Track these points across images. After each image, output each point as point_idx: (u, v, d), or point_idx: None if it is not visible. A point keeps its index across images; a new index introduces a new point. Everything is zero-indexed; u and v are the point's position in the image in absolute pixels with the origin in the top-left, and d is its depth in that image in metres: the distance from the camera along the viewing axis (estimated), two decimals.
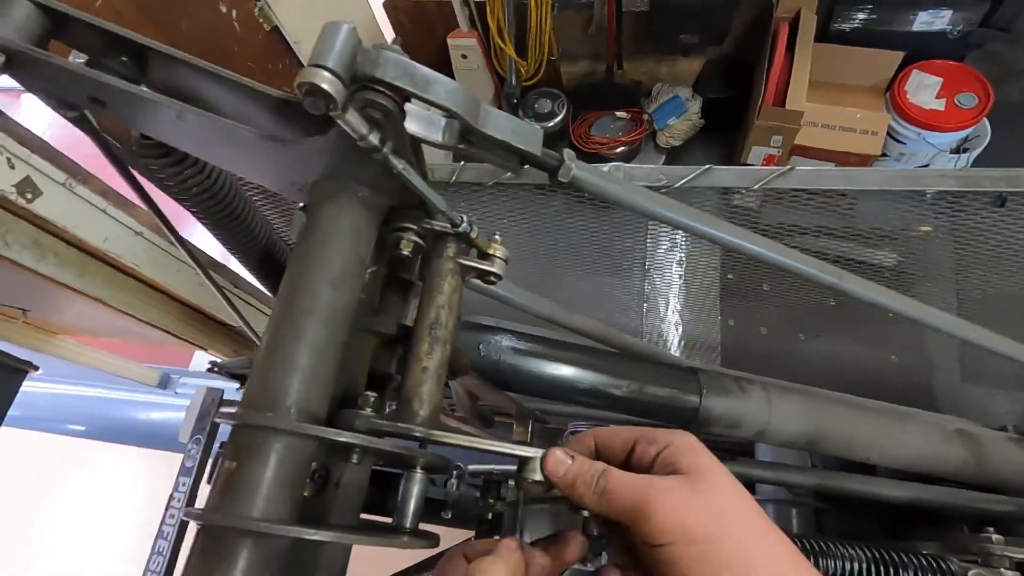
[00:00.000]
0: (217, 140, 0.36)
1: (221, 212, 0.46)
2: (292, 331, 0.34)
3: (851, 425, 0.76)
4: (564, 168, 0.38)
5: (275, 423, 0.31)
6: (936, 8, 2.09)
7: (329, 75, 0.28)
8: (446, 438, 0.36)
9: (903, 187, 0.64)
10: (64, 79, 0.33)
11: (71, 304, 1.67)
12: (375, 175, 0.37)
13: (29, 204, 1.22)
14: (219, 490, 0.31)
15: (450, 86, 0.32)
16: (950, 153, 2.19)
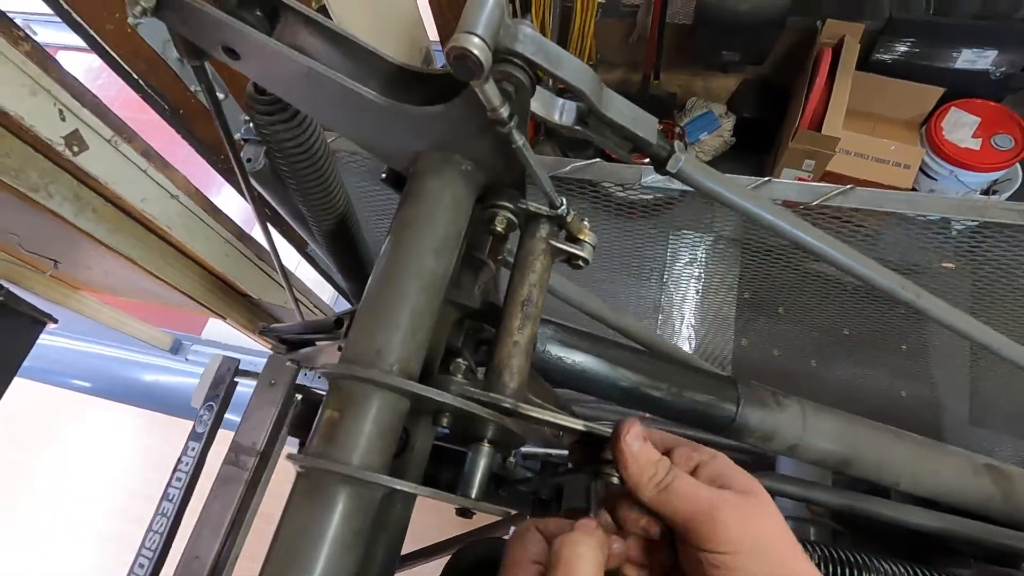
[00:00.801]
0: (335, 101, 0.37)
1: (311, 171, 0.47)
2: (396, 292, 0.35)
3: (885, 450, 0.76)
4: (674, 159, 0.39)
5: (381, 378, 0.32)
6: (981, 48, 2.09)
7: (479, 42, 0.28)
8: (533, 412, 0.36)
9: (966, 216, 0.64)
10: (206, 26, 0.34)
11: (100, 260, 1.69)
12: (482, 150, 0.38)
13: (74, 157, 1.24)
14: (322, 437, 0.32)
15: (580, 66, 0.33)
16: (980, 193, 2.19)
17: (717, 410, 0.77)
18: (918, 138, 2.22)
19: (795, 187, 0.69)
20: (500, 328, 0.39)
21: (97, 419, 2.69)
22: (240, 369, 1.79)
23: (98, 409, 2.67)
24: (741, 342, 2.38)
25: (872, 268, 0.48)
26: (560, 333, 0.75)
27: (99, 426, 2.68)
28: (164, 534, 1.59)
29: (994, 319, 1.28)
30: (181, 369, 2.58)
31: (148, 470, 2.50)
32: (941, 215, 0.66)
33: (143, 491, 2.45)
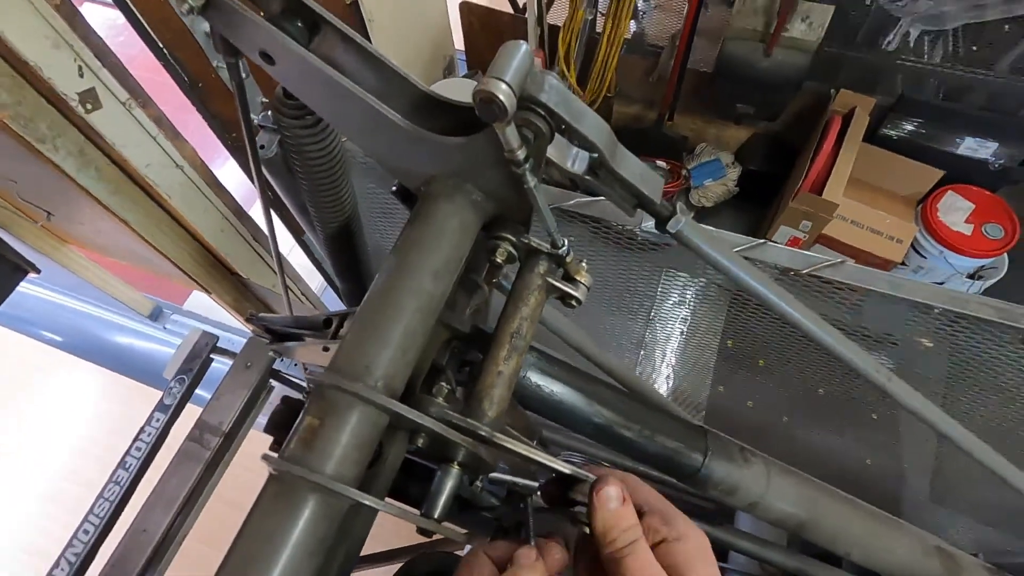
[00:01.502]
0: (360, 118, 0.38)
1: (325, 176, 0.48)
2: (392, 308, 0.36)
3: (842, 519, 0.78)
4: (674, 220, 0.41)
5: (366, 393, 0.33)
6: (983, 137, 2.16)
7: (507, 88, 0.30)
8: (508, 443, 0.37)
9: (946, 305, 0.67)
10: (247, 30, 0.35)
11: (94, 219, 1.68)
12: (495, 184, 0.39)
13: (87, 114, 1.24)
14: (299, 442, 0.32)
15: (598, 122, 0.35)
16: (966, 277, 2.25)
17: (684, 458, 0.78)
18: (913, 215, 2.28)
19: (787, 253, 0.71)
20: (487, 356, 0.40)
21: (63, 375, 2.65)
22: (218, 346, 1.78)
23: (66, 365, 2.63)
24: (718, 388, 2.40)
25: (851, 350, 0.50)
26: (542, 361, 0.76)
27: (64, 383, 2.63)
28: (115, 502, 1.56)
29: (967, 404, 1.31)
30: (157, 336, 2.55)
31: (106, 434, 2.46)
32: (924, 300, 0.68)
33: (98, 454, 2.40)
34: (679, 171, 2.60)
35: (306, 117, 0.42)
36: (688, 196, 2.65)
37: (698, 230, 0.42)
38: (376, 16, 2.17)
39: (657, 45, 2.67)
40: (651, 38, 2.73)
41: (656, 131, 2.68)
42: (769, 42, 2.07)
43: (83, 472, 2.38)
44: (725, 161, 2.61)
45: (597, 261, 2.33)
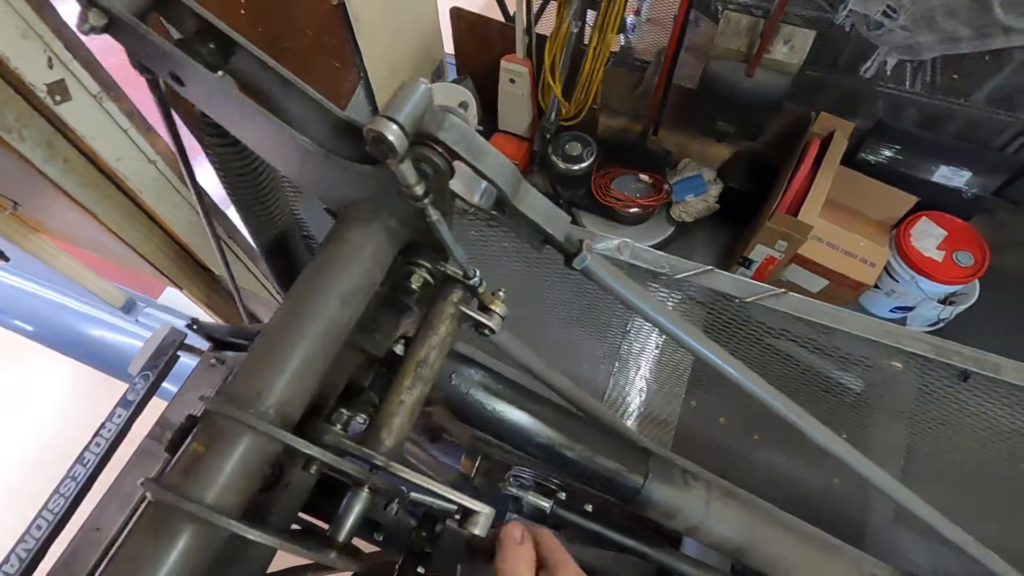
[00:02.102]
0: (274, 141, 0.38)
1: (253, 195, 0.48)
2: (293, 334, 0.36)
3: (779, 546, 0.78)
4: (580, 257, 0.41)
5: (252, 422, 0.33)
6: (958, 166, 2.19)
7: (397, 129, 0.30)
8: (403, 473, 0.37)
9: (881, 339, 0.68)
10: (154, 52, 0.35)
11: (63, 210, 1.66)
12: (407, 212, 0.39)
13: (55, 106, 1.23)
14: (182, 470, 0.32)
15: (499, 161, 0.35)
16: (937, 302, 2.28)
17: (625, 480, 0.78)
18: (887, 239, 2.31)
19: (731, 281, 0.72)
20: (391, 384, 0.40)
21: (31, 364, 2.61)
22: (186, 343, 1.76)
23: (34, 355, 2.59)
24: (691, 403, 2.41)
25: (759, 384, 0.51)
26: (487, 379, 0.76)
27: (32, 373, 2.59)
28: (70, 498, 1.54)
29: (929, 422, 1.33)
30: (129, 329, 2.52)
31: (70, 427, 2.42)
32: (860, 334, 0.69)
33: (61, 447, 2.37)
34: (661, 185, 2.62)
35: (227, 135, 0.42)
36: (670, 210, 2.67)
37: (604, 267, 0.43)
38: (363, 17, 2.17)
39: (644, 60, 2.69)
40: (639, 53, 2.75)
41: (640, 145, 2.69)
42: (751, 63, 2.09)
43: (45, 464, 2.35)
44: (707, 177, 2.63)
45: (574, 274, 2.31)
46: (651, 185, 2.65)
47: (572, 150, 2.61)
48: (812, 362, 1.72)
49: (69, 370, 2.55)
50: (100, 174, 1.42)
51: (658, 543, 0.89)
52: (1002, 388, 0.69)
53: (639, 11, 2.94)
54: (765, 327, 1.14)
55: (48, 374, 2.58)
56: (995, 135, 2.16)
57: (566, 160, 2.57)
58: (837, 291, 2.28)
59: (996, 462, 1.21)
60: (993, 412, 0.79)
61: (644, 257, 0.74)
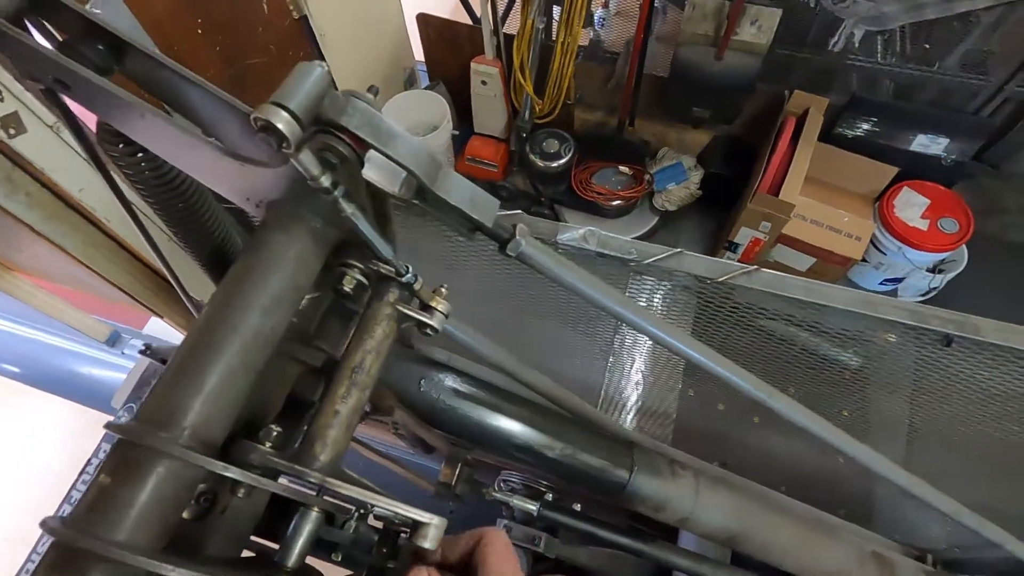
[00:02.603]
0: (178, 145, 0.36)
1: (177, 206, 0.46)
2: (207, 350, 0.34)
3: (773, 530, 0.76)
4: (514, 243, 0.39)
5: (161, 445, 0.30)
6: (935, 134, 2.18)
7: (286, 115, 0.28)
8: (341, 488, 0.35)
9: (859, 310, 0.65)
10: (33, 57, 0.32)
11: (31, 245, 1.63)
12: (329, 210, 0.37)
13: (10, 140, 1.20)
14: (86, 505, 0.30)
15: (412, 144, 0.32)
16: (926, 271, 2.27)
17: (610, 475, 0.76)
18: (871, 212, 2.29)
19: (704, 262, 0.69)
20: (325, 394, 0.38)
21: (20, 407, 2.57)
22: None
23: (23, 396, 2.55)
24: (688, 392, 2.38)
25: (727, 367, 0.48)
26: (459, 383, 0.74)
27: (21, 415, 2.55)
28: None
29: (924, 393, 1.31)
30: (116, 363, 2.48)
31: (69, 468, 2.38)
32: (839, 306, 0.67)
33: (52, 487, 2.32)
34: (642, 176, 2.60)
35: (132, 143, 0.39)
36: (652, 200, 2.65)
37: (541, 250, 0.40)
38: (328, 30, 2.15)
39: (614, 52, 2.68)
40: (608, 45, 2.74)
41: (618, 137, 2.68)
42: (720, 46, 2.07)
43: (37, 505, 2.30)
44: (687, 164, 2.62)
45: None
46: (632, 176, 2.63)
47: (550, 147, 2.59)
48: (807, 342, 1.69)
49: (60, 409, 2.51)
50: (65, 206, 1.39)
51: (653, 538, 0.86)
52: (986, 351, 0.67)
53: (607, 4, 2.93)
54: (756, 309, 1.12)
55: (39, 415, 2.54)
56: (969, 99, 2.15)
57: (544, 158, 2.55)
58: (825, 268, 2.27)
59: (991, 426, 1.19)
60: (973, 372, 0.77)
61: (612, 245, 0.72)
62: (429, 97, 2.68)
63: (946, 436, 1.54)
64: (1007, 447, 1.26)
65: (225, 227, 0.51)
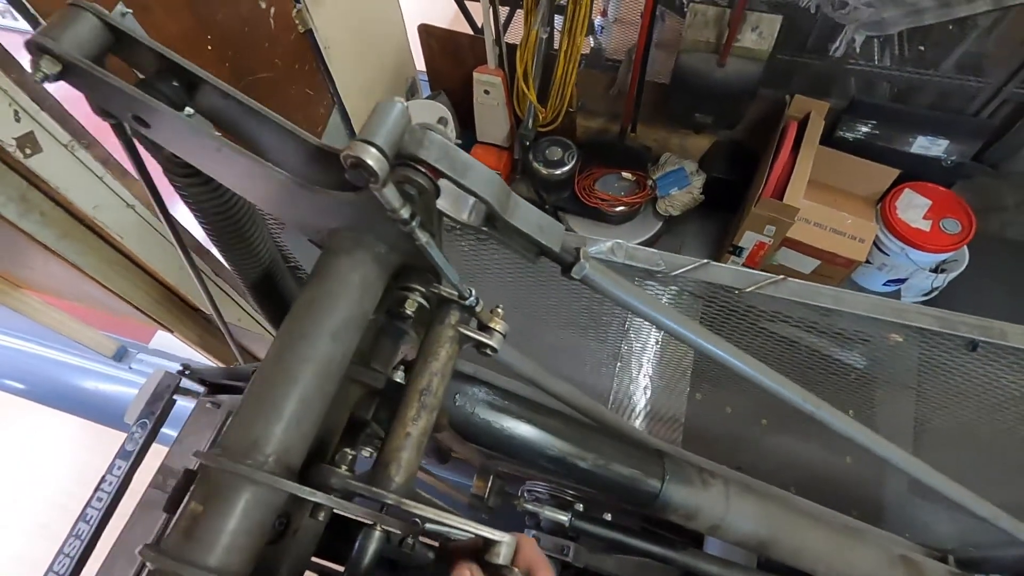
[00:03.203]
0: (249, 176, 0.37)
1: (232, 233, 0.47)
2: (284, 378, 0.35)
3: (803, 536, 0.77)
4: (578, 266, 0.40)
5: (251, 475, 0.31)
6: (935, 136, 2.21)
7: (376, 152, 0.29)
8: (417, 509, 0.35)
9: (886, 317, 0.67)
10: (114, 95, 0.33)
11: (45, 264, 1.63)
12: (395, 236, 0.38)
13: (26, 159, 1.21)
14: (181, 532, 0.30)
15: (485, 175, 0.33)
16: (929, 271, 2.29)
17: (642, 485, 0.76)
18: (874, 214, 2.32)
19: (730, 272, 0.71)
20: (395, 417, 0.38)
21: (28, 424, 2.55)
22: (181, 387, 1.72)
23: (30, 413, 2.54)
24: (696, 396, 2.40)
25: (777, 380, 0.49)
26: (492, 396, 0.75)
27: (29, 432, 2.54)
28: (75, 558, 1.50)
29: (937, 394, 1.32)
30: (123, 378, 2.47)
31: (78, 484, 2.37)
32: (864, 313, 0.68)
33: (70, 507, 2.32)
34: (645, 182, 2.62)
35: (198, 174, 0.40)
36: (655, 205, 2.67)
37: (604, 274, 0.41)
38: (333, 43, 2.17)
39: (615, 59, 2.70)
40: (610, 52, 2.77)
41: (620, 143, 2.70)
42: (722, 53, 2.10)
43: (51, 526, 2.29)
44: (689, 170, 2.64)
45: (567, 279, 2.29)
46: (635, 182, 2.65)
47: (553, 155, 2.60)
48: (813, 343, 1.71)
49: (68, 425, 2.50)
50: (79, 224, 1.40)
51: (681, 545, 0.87)
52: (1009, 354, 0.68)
53: (606, 12, 2.95)
54: (757, 311, 1.13)
55: (47, 432, 2.53)
56: (968, 101, 2.18)
57: (548, 165, 2.57)
58: (829, 270, 2.29)
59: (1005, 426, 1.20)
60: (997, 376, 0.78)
61: (639, 256, 0.73)
62: (431, 107, 2.70)
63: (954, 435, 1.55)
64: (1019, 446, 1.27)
65: (273, 251, 0.52)
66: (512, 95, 2.55)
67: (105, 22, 0.33)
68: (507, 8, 2.61)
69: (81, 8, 0.32)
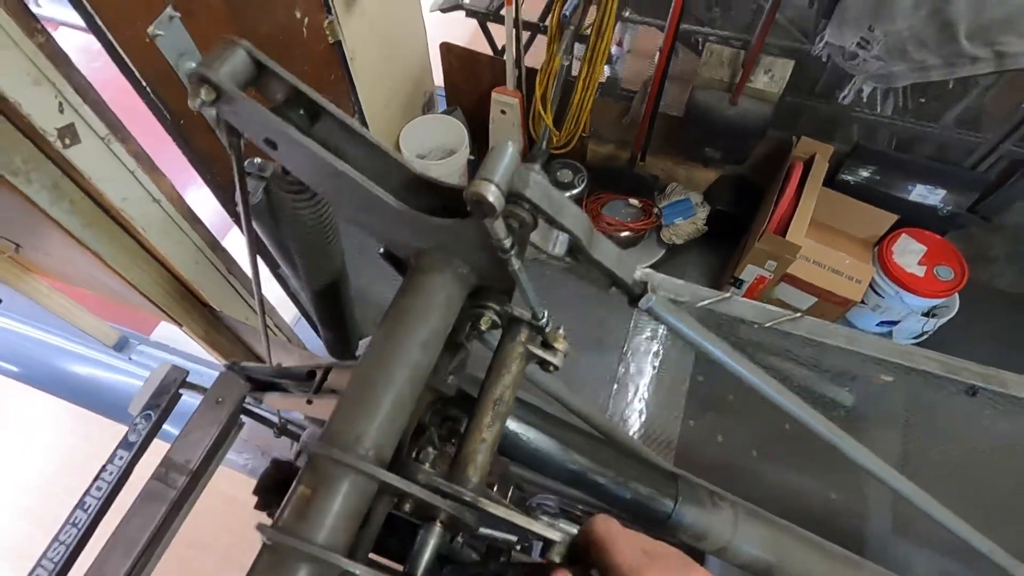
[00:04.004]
0: (356, 197, 0.41)
1: (317, 242, 0.51)
2: (384, 380, 0.38)
3: (807, 563, 0.81)
4: (646, 297, 0.44)
5: (356, 463, 0.35)
6: (933, 185, 2.30)
7: (497, 190, 0.33)
8: (491, 507, 0.39)
9: (895, 359, 0.72)
10: (253, 119, 0.37)
11: (64, 250, 1.66)
12: (481, 261, 0.42)
13: (64, 149, 1.25)
14: (293, 512, 0.34)
15: (576, 213, 0.38)
16: (921, 315, 2.36)
17: (656, 504, 0.81)
18: (871, 257, 2.39)
19: (751, 307, 0.75)
20: (471, 422, 0.42)
21: (17, 407, 2.54)
22: (187, 381, 1.73)
23: (22, 397, 2.52)
24: (689, 422, 2.44)
25: (808, 413, 0.54)
26: (520, 409, 0.78)
27: (20, 415, 2.52)
28: (71, 546, 1.50)
29: (923, 433, 1.38)
30: (122, 368, 2.47)
31: (65, 471, 2.35)
32: (875, 355, 0.73)
33: (55, 493, 2.30)
34: (651, 209, 2.69)
35: (304, 191, 0.45)
36: (660, 233, 2.73)
37: (668, 307, 0.46)
38: (358, 55, 2.23)
39: (630, 89, 2.79)
40: (624, 82, 2.85)
41: (628, 170, 2.77)
42: (735, 92, 2.18)
43: (39, 512, 2.27)
44: (694, 201, 2.71)
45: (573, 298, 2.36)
46: (640, 209, 2.72)
47: (563, 177, 2.67)
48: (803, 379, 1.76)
49: (60, 412, 2.49)
50: (105, 215, 1.43)
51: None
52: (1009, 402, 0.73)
53: (621, 43, 3.05)
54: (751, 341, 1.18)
55: (38, 416, 2.52)
56: (966, 155, 2.27)
57: (558, 187, 2.63)
58: (825, 307, 2.36)
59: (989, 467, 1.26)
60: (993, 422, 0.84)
61: (666, 287, 0.78)
62: (448, 122, 2.76)
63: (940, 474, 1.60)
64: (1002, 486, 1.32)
65: (343, 263, 0.56)
66: (528, 116, 2.62)
67: (252, 56, 0.37)
68: (528, 32, 2.69)
69: (234, 43, 0.37)
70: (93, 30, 1.22)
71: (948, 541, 1.84)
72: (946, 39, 1.68)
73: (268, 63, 0.38)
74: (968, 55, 1.69)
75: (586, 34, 2.20)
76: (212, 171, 1.64)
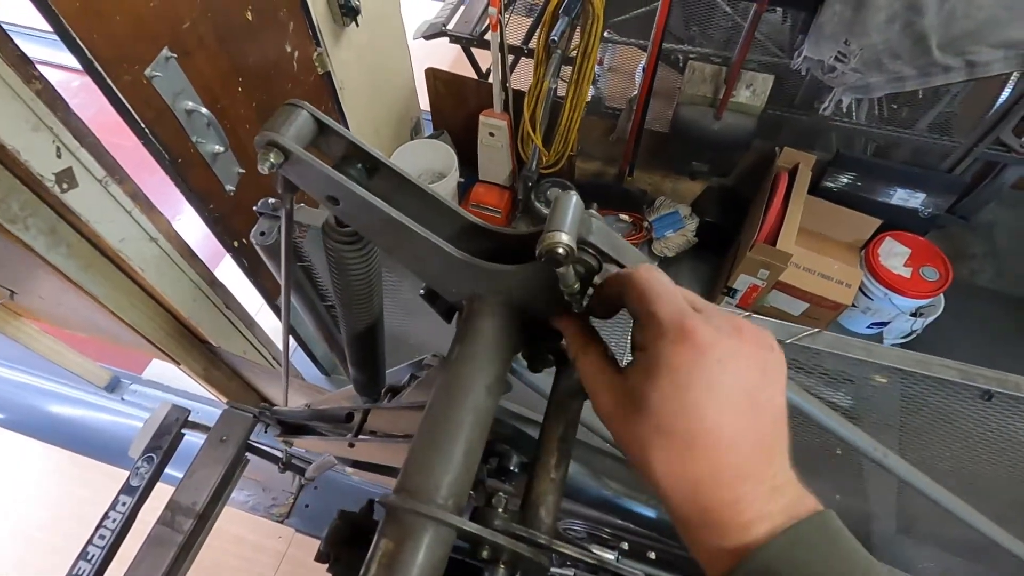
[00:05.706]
0: (413, 247, 0.42)
1: (362, 290, 0.51)
2: (454, 428, 0.39)
3: None
4: None
5: (438, 515, 0.35)
6: (912, 189, 2.38)
7: (568, 238, 0.34)
8: (567, 549, 0.40)
9: (914, 368, 0.74)
10: (318, 179, 0.38)
11: (59, 294, 1.63)
12: (540, 302, 0.43)
13: (62, 194, 1.23)
14: (380, 567, 0.34)
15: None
16: (909, 315, 2.42)
17: None
18: (858, 261, 2.45)
19: (772, 325, 0.77)
20: (537, 464, 0.43)
21: (6, 455, 2.45)
22: (190, 420, 1.70)
23: (9, 444, 2.44)
24: None
25: (852, 431, 0.55)
26: None
27: (7, 464, 2.44)
28: None
29: (920, 435, 1.40)
30: (115, 409, 2.41)
31: (60, 520, 2.27)
32: (892, 365, 0.75)
33: (51, 543, 2.22)
34: (641, 223, 2.73)
35: (357, 242, 0.45)
36: (651, 247, 2.77)
37: None
38: (347, 84, 2.25)
39: (614, 107, 2.84)
40: (609, 100, 2.91)
41: (617, 186, 2.82)
42: (719, 107, 2.24)
43: (39, 566, 2.19)
44: (683, 213, 2.76)
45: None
46: (631, 224, 2.76)
47: (554, 195, 2.70)
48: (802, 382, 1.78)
49: (50, 457, 2.41)
50: (102, 256, 1.41)
51: None
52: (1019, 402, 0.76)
53: (602, 61, 3.11)
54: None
55: (27, 463, 2.43)
56: (941, 159, 2.36)
57: (549, 205, 2.65)
58: (818, 312, 2.40)
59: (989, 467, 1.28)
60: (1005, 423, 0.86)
61: None
62: (436, 146, 2.78)
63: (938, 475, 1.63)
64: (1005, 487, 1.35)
65: (382, 307, 0.56)
66: (516, 138, 2.65)
67: (313, 116, 0.38)
68: (512, 56, 2.73)
69: (296, 106, 0.38)
70: (90, 73, 1.21)
71: (953, 540, 1.86)
72: (920, 51, 1.76)
73: (328, 122, 0.39)
74: (941, 65, 1.77)
75: (572, 56, 2.24)
76: (209, 207, 1.63)
